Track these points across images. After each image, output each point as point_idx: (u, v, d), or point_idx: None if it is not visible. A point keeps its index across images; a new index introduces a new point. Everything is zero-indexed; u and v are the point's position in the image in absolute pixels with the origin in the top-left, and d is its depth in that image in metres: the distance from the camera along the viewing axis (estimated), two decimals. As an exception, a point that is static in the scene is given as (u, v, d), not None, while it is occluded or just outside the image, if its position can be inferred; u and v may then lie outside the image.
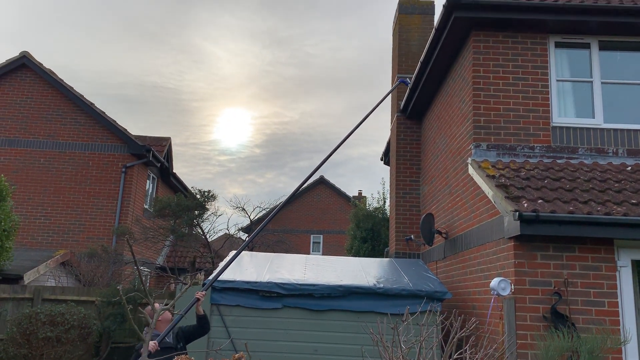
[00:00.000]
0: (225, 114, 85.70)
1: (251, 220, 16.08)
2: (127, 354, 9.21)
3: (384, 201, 16.45)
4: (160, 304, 4.87)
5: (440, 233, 8.76)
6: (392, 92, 11.50)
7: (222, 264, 8.24)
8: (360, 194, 32.85)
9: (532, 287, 5.63)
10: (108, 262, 12.46)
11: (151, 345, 4.75)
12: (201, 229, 12.79)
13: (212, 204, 12.83)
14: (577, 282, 5.61)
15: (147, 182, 16.68)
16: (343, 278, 7.39)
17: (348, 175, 63.24)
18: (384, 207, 16.14)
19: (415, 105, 10.71)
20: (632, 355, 5.42)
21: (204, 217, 12.61)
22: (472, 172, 7.16)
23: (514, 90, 7.46)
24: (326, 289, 6.98)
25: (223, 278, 6.86)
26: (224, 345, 6.24)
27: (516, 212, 5.46)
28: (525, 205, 5.64)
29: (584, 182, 6.44)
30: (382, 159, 15.46)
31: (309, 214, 31.56)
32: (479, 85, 7.48)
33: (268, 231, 17.17)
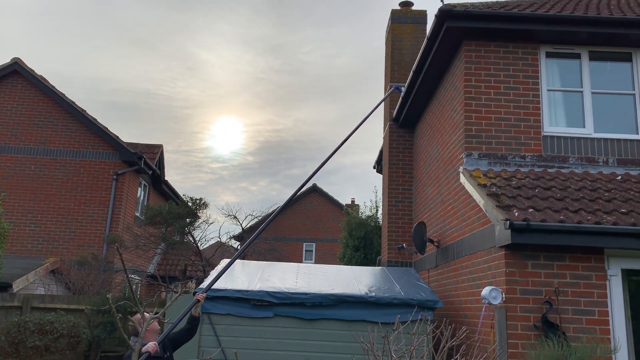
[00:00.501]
0: (218, 121, 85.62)
1: (243, 229, 16.03)
2: (116, 363, 9.13)
3: (376, 209, 16.46)
4: (150, 312, 4.83)
5: (432, 242, 8.77)
6: (385, 100, 11.53)
7: (213, 272, 8.21)
8: (353, 202, 32.88)
9: (523, 296, 5.64)
10: (98, 270, 12.37)
11: (152, 347, 4.71)
12: (192, 237, 12.74)
13: (203, 211, 12.80)
14: (567, 291, 5.62)
15: (139, 189, 16.61)
16: (335, 287, 7.38)
17: (341, 183, 63.30)
18: (377, 216, 16.15)
19: (407, 114, 10.75)
20: (623, 364, 5.43)
21: (195, 225, 12.57)
22: (463, 180, 7.19)
23: (505, 100, 7.51)
24: (318, 297, 6.96)
25: (214, 287, 6.82)
26: (214, 354, 6.20)
27: (507, 221, 5.48)
28: (516, 214, 5.66)
29: (575, 191, 6.47)
30: (374, 167, 15.49)
31: (302, 222, 31.52)
32: (470, 94, 7.52)
33: (260, 239, 17.12)
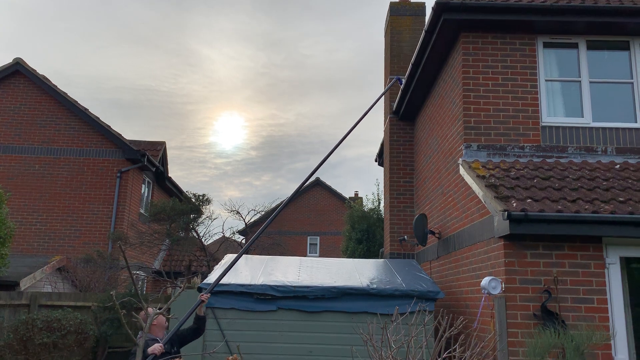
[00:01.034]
0: (220, 116, 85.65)
1: (246, 224, 16.13)
2: (124, 358, 9.24)
3: (378, 202, 16.52)
4: (155, 308, 4.92)
5: (434, 233, 8.83)
6: (386, 93, 11.56)
7: (217, 267, 8.29)
8: (356, 194, 32.94)
9: (523, 285, 5.70)
10: (104, 267, 12.49)
11: (157, 349, 4.80)
12: (196, 232, 12.84)
13: (207, 207, 12.88)
14: (566, 279, 5.68)
15: (143, 186, 16.71)
16: (337, 279, 7.45)
17: (344, 176, 63.32)
18: (379, 208, 16.21)
19: (407, 107, 10.78)
20: (622, 350, 5.50)
21: (199, 221, 12.66)
22: (463, 172, 7.24)
23: (504, 91, 7.54)
24: (320, 290, 7.03)
25: (217, 281, 6.90)
26: (217, 348, 6.29)
27: (505, 212, 5.53)
28: (515, 204, 5.71)
29: (573, 181, 6.51)
30: (376, 160, 15.53)
31: (306, 215, 31.63)
32: (468, 86, 7.56)
33: (264, 234, 17.19)
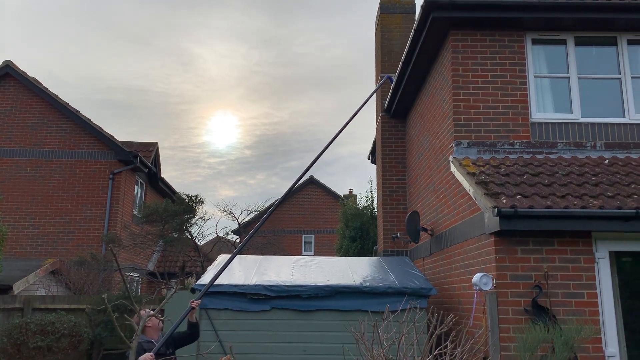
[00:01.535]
0: (214, 116, 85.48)
1: (239, 224, 16.13)
2: (119, 360, 9.25)
3: (372, 200, 16.57)
4: (149, 309, 4.93)
5: (426, 230, 8.87)
6: (377, 91, 11.59)
7: (211, 268, 8.30)
8: (350, 192, 32.97)
9: (514, 281, 5.75)
10: (98, 269, 12.47)
11: (147, 359, 4.81)
12: (190, 233, 12.83)
13: (199, 208, 12.88)
14: (557, 274, 5.73)
15: (135, 187, 16.68)
16: (330, 278, 7.48)
17: (339, 173, 63.38)
18: (372, 206, 16.25)
19: (398, 105, 10.82)
20: (612, 344, 5.55)
21: (192, 221, 12.65)
22: (453, 169, 7.28)
23: (493, 88, 7.58)
24: (313, 289, 7.06)
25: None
26: (211, 348, 6.30)
27: (495, 209, 5.57)
28: (504, 201, 5.75)
29: (562, 177, 6.56)
30: (369, 158, 15.57)
31: (300, 214, 31.65)
32: (458, 83, 7.59)
33: (258, 233, 17.20)
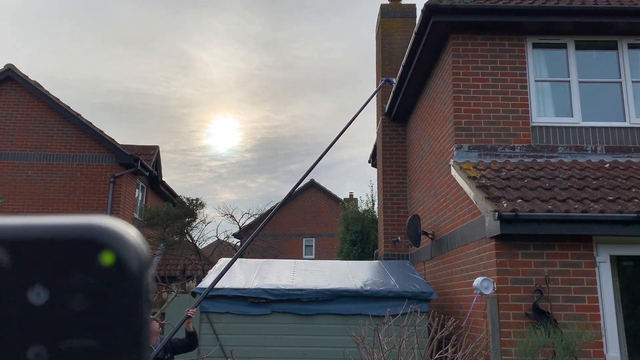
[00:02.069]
0: (214, 119, 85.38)
1: (240, 227, 16.12)
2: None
3: (372, 203, 16.56)
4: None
5: (427, 234, 8.87)
6: (377, 94, 11.60)
7: (211, 271, 8.29)
8: (351, 195, 32.91)
9: (514, 285, 5.74)
10: (98, 272, 12.45)
11: None
12: (190, 237, 12.84)
13: (200, 211, 12.88)
14: (557, 278, 5.73)
15: (136, 191, 16.68)
16: (331, 282, 7.48)
17: (339, 177, 63.26)
18: (373, 209, 16.25)
19: (399, 108, 10.82)
20: (613, 348, 5.55)
21: (193, 225, 12.66)
22: (454, 173, 7.28)
23: (494, 92, 7.59)
24: (314, 293, 7.05)
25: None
26: (212, 352, 6.30)
27: (496, 212, 5.57)
28: (505, 205, 5.75)
29: (563, 181, 6.56)
30: (369, 162, 15.57)
31: (301, 217, 31.61)
32: (458, 87, 7.60)
33: (259, 237, 17.21)
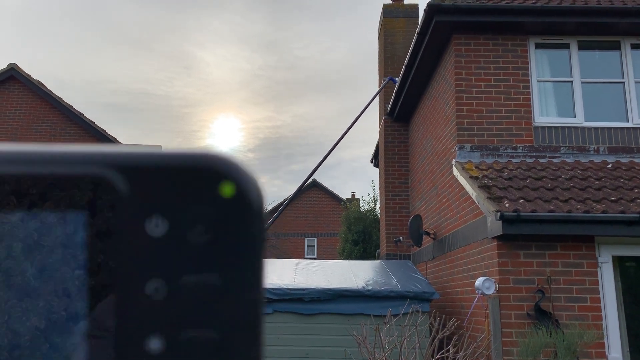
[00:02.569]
0: (217, 119, 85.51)
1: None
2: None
3: (374, 203, 16.56)
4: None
5: (429, 234, 8.87)
6: (380, 93, 11.60)
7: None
8: (353, 195, 32.92)
9: (516, 285, 5.74)
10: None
11: None
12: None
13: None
14: (559, 279, 5.72)
15: (139, 190, 16.70)
16: (332, 281, 7.48)
17: (342, 177, 63.27)
18: (375, 209, 16.24)
19: (401, 108, 10.82)
20: (615, 349, 5.54)
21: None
22: (456, 173, 7.27)
23: (496, 92, 7.58)
24: (315, 292, 7.05)
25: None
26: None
27: (498, 213, 5.57)
28: (507, 205, 5.75)
29: (565, 181, 6.56)
30: (372, 162, 15.57)
31: (303, 217, 31.62)
32: (461, 87, 7.59)
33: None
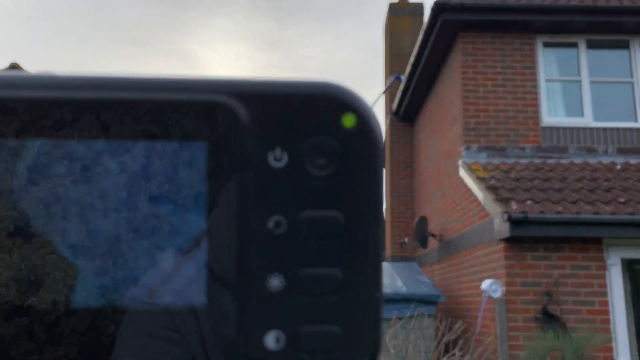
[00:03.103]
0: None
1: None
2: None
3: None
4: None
5: (434, 236, 8.78)
6: (385, 93, 11.54)
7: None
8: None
9: (523, 288, 5.66)
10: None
11: None
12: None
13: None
14: (567, 282, 5.63)
15: (144, 190, 16.72)
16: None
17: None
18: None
19: (407, 107, 10.74)
20: (624, 352, 5.45)
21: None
22: (462, 174, 7.19)
23: (503, 92, 7.48)
24: (320, 294, 6.99)
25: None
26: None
27: (505, 214, 5.49)
28: (514, 207, 5.66)
29: (574, 182, 6.46)
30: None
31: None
32: (467, 87, 7.51)
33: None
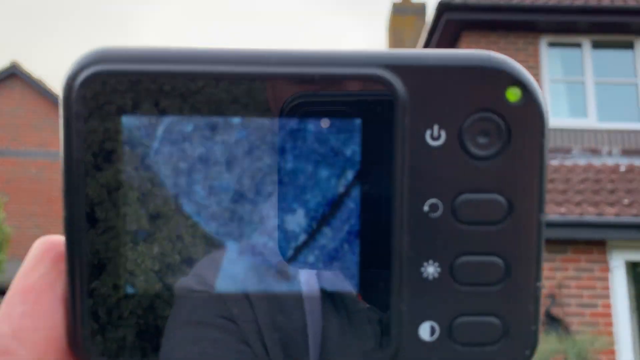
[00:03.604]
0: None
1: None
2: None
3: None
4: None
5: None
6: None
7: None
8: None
9: (526, 290, 5.57)
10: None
11: None
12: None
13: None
14: (570, 284, 5.55)
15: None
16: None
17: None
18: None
19: (408, 108, 10.67)
20: (627, 355, 5.38)
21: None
22: (464, 174, 7.11)
23: (506, 91, 7.40)
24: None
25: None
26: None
27: (508, 215, 5.41)
28: (517, 207, 5.58)
29: (577, 183, 6.40)
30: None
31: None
32: (470, 86, 7.43)
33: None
